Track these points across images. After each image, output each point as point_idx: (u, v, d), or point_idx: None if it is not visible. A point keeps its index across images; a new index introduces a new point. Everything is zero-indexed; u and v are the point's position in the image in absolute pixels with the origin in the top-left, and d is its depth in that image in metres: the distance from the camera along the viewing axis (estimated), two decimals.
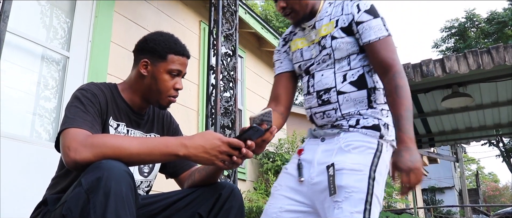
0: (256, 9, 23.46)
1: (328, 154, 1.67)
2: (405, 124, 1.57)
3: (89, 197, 1.21)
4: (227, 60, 3.94)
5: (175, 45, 1.71)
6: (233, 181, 3.67)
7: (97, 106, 1.52)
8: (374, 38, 1.67)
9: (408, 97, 1.61)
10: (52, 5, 3.60)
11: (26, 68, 3.33)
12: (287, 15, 1.80)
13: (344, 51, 1.71)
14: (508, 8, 22.85)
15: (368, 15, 1.69)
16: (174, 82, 1.70)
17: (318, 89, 1.76)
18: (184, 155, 1.36)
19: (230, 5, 4.07)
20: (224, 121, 3.72)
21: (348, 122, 1.69)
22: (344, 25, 1.72)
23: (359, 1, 1.74)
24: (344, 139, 1.66)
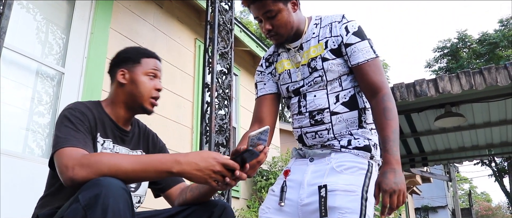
0: (251, 27, 23.61)
1: (319, 174, 1.67)
2: (392, 146, 1.59)
3: (87, 213, 1.21)
4: (222, 78, 3.95)
5: (144, 50, 1.82)
6: (227, 199, 3.66)
7: (86, 124, 1.55)
8: (362, 60, 1.69)
9: (395, 119, 1.64)
10: (48, 21, 3.61)
11: (20, 83, 3.32)
12: (272, 36, 1.80)
13: (335, 72, 1.73)
14: (499, 30, 23.17)
15: (356, 38, 1.72)
16: (153, 84, 1.77)
17: (311, 110, 1.76)
18: (177, 172, 1.36)
19: (226, 24, 4.10)
20: (219, 139, 3.72)
21: (339, 142, 1.70)
22: (333, 47, 1.74)
23: (347, 23, 1.75)
24: (335, 159, 1.68)
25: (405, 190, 1.55)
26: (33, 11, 3.50)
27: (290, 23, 1.76)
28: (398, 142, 1.60)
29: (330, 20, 1.79)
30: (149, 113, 1.79)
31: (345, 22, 1.75)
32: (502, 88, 4.62)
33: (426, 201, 27.50)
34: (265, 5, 1.72)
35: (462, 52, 24.81)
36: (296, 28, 1.80)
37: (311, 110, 1.77)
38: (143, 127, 1.92)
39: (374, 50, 1.72)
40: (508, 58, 21.52)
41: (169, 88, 4.87)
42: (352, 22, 1.76)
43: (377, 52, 1.73)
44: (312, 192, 1.63)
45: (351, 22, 1.76)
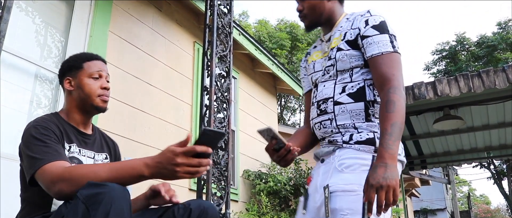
0: (249, 30, 23.65)
1: (327, 175, 1.65)
2: (388, 139, 1.50)
3: (89, 209, 1.27)
4: (221, 81, 3.95)
5: (85, 54, 1.90)
6: (226, 201, 3.65)
7: (52, 135, 1.61)
8: (376, 52, 1.65)
9: (398, 112, 1.54)
10: (47, 24, 3.61)
11: (19, 86, 3.32)
12: (300, 17, 1.89)
13: (346, 63, 1.72)
14: (497, 33, 23.22)
15: (374, 30, 1.68)
16: (99, 84, 1.82)
17: (318, 100, 1.78)
18: (149, 175, 1.39)
19: (224, 27, 4.11)
20: None
21: (342, 137, 1.67)
22: (350, 39, 1.73)
23: (369, 17, 1.73)
24: (338, 157, 1.64)
25: (395, 186, 1.43)
26: (32, 14, 3.50)
27: (319, 9, 1.83)
28: (397, 136, 1.51)
29: (356, 14, 1.80)
30: (103, 110, 1.84)
31: (368, 16, 1.73)
32: (500, 91, 4.63)
33: (425, 203, 27.48)
34: None
35: (461, 55, 24.85)
36: (327, 17, 1.85)
37: (319, 99, 1.78)
38: (103, 133, 2.01)
39: (394, 45, 1.67)
40: (507, 61, 21.56)
41: (168, 91, 4.87)
42: (374, 16, 1.72)
43: (397, 48, 1.68)
44: (321, 194, 1.62)
45: (374, 16, 1.73)
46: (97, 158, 1.83)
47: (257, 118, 7.02)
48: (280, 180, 6.18)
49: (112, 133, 3.79)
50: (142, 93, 4.46)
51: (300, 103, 26.72)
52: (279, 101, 24.63)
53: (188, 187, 4.85)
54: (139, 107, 4.36)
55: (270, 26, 24.96)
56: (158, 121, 4.62)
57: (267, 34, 23.23)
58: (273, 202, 6.10)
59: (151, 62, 4.69)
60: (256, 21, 26.82)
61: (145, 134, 4.38)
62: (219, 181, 3.69)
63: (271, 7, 66.35)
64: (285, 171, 6.74)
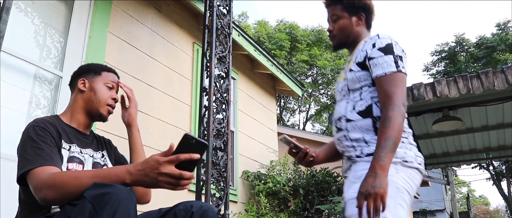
0: (249, 31, 23.67)
1: (346, 188, 1.84)
2: (380, 151, 1.65)
3: (96, 209, 1.29)
4: (220, 82, 3.96)
5: (105, 65, 2.01)
6: (225, 202, 3.65)
7: (49, 137, 1.65)
8: (380, 73, 1.80)
9: (393, 127, 1.68)
10: (46, 25, 3.61)
11: (18, 87, 3.32)
12: (330, 37, 2.12)
13: (356, 83, 1.90)
14: (496, 34, 23.24)
15: (380, 52, 1.83)
16: (110, 94, 1.93)
17: (335, 118, 1.97)
18: (131, 182, 1.43)
19: (224, 28, 4.11)
20: (217, 143, 3.72)
21: (355, 152, 1.84)
22: (360, 60, 1.90)
23: (377, 40, 1.88)
24: (353, 171, 1.82)
25: (383, 194, 1.58)
26: (31, 15, 3.50)
27: (347, 31, 2.04)
28: (390, 149, 1.65)
29: (369, 38, 1.97)
30: (105, 119, 1.92)
31: (376, 39, 1.89)
32: (499, 92, 4.64)
33: (424, 204, 27.48)
34: (334, 9, 2.07)
35: (460, 56, 24.86)
36: (353, 39, 2.04)
37: (335, 117, 1.97)
38: (97, 135, 2.06)
39: (398, 65, 1.80)
40: (506, 62, 21.57)
41: (167, 92, 4.87)
42: (382, 39, 1.88)
43: (401, 68, 1.80)
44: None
45: (381, 39, 1.88)
46: (96, 156, 1.88)
47: (256, 119, 7.02)
48: (279, 181, 6.18)
49: (111, 133, 3.79)
50: (141, 94, 4.46)
51: (299, 104, 26.73)
52: (278, 102, 24.64)
53: (187, 188, 4.84)
54: (138, 108, 4.35)
55: (270, 27, 24.98)
56: (157, 121, 4.62)
57: (267, 35, 23.25)
58: (272, 203, 6.09)
59: (150, 63, 4.69)
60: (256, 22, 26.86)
61: (144, 135, 4.37)
62: (218, 182, 3.69)
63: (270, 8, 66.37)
64: (284, 172, 6.74)
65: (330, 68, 22.94)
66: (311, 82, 24.58)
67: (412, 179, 1.74)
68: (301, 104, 26.71)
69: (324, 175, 6.56)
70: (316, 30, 24.76)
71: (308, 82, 24.25)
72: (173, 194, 4.53)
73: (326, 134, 22.53)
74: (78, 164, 1.74)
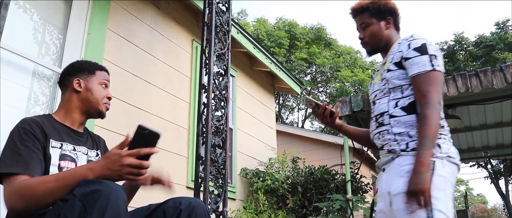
0: (248, 28, 23.64)
1: (389, 182, 1.91)
2: (420, 150, 1.77)
3: (86, 207, 1.30)
4: (219, 80, 3.96)
5: (97, 63, 2.02)
6: (223, 199, 3.66)
7: (31, 141, 1.64)
8: (416, 72, 1.89)
9: (429, 125, 1.78)
10: (45, 21, 3.60)
11: (17, 83, 3.31)
12: (362, 44, 2.20)
13: (396, 81, 1.98)
14: (495, 33, 23.25)
15: (415, 52, 1.92)
16: (106, 92, 1.96)
17: (376, 114, 2.06)
18: (94, 177, 1.45)
19: (223, 25, 4.11)
20: (215, 140, 3.72)
21: (399, 146, 1.91)
22: (397, 60, 1.99)
23: (412, 40, 1.97)
24: (398, 165, 1.89)
25: (425, 190, 1.69)
26: (30, 12, 3.49)
27: (378, 36, 2.13)
28: (428, 146, 1.76)
29: (403, 39, 2.05)
30: (103, 116, 1.95)
31: (410, 39, 1.98)
32: (498, 91, 4.65)
33: None
34: (362, 18, 2.16)
35: (459, 55, 24.87)
36: (385, 43, 2.14)
37: (376, 114, 2.07)
38: (91, 133, 2.07)
39: (433, 64, 1.89)
40: (504, 61, 21.58)
41: (166, 89, 4.87)
42: (417, 40, 1.96)
43: (436, 67, 1.88)
44: (388, 199, 1.89)
45: (416, 40, 1.96)
46: (90, 154, 1.89)
47: (255, 116, 7.02)
48: (278, 178, 6.19)
49: (109, 130, 3.79)
50: (140, 91, 4.46)
51: (298, 102, 26.72)
52: (277, 100, 24.64)
53: (186, 185, 4.85)
54: (137, 105, 4.36)
55: (269, 25, 24.96)
56: (156, 118, 4.62)
57: (266, 32, 23.23)
58: (270, 200, 6.10)
59: (149, 60, 4.68)
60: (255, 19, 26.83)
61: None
62: (217, 179, 3.69)
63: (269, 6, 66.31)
64: (283, 170, 6.75)
65: (329, 66, 22.94)
66: (310, 80, 24.58)
67: (453, 174, 1.85)
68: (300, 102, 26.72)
69: (322, 172, 6.57)
70: (315, 28, 24.75)
71: (307, 80, 24.25)
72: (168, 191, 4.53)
73: (325, 132, 22.55)
74: (70, 162, 1.74)
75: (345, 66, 23.34)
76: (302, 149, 10.22)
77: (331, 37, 24.81)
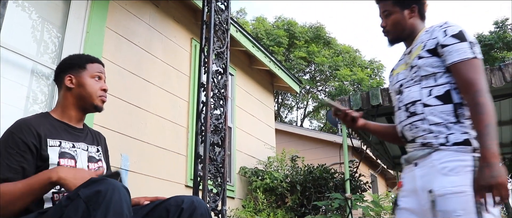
0: (247, 27, 23.64)
1: (427, 179, 1.75)
2: (486, 140, 1.63)
3: (90, 209, 1.30)
4: (218, 78, 3.96)
5: (87, 56, 1.99)
6: (222, 198, 3.66)
7: (15, 148, 1.63)
8: (457, 59, 1.77)
9: (488, 113, 1.68)
10: (43, 20, 3.60)
11: (15, 82, 3.31)
12: (384, 32, 2.08)
13: (429, 68, 1.85)
14: (494, 31, 23.28)
15: (454, 39, 1.80)
16: (100, 85, 1.92)
17: (406, 102, 1.92)
18: (57, 179, 1.52)
19: (221, 24, 4.11)
20: (214, 139, 3.72)
21: (437, 140, 1.77)
22: (431, 47, 1.86)
23: (447, 27, 1.85)
24: (438, 161, 1.74)
25: (504, 182, 1.56)
26: (28, 10, 3.49)
27: (401, 25, 2.00)
28: (493, 135, 1.64)
29: (435, 26, 1.92)
30: (100, 110, 1.93)
31: (445, 26, 1.86)
32: (497, 90, 4.64)
33: None
34: (385, 5, 2.03)
35: None
36: (409, 32, 2.01)
37: (406, 102, 1.92)
38: (92, 129, 2.07)
39: (474, 51, 1.78)
40: (503, 59, 21.62)
41: (165, 87, 4.86)
42: (453, 27, 1.84)
43: (476, 55, 1.78)
44: (426, 197, 1.73)
45: (452, 27, 1.84)
46: (91, 150, 1.89)
47: (254, 115, 7.03)
48: (277, 177, 6.19)
49: (108, 129, 3.78)
50: (139, 90, 4.45)
51: (297, 101, 26.73)
52: (276, 99, 24.65)
53: (185, 184, 4.85)
54: (136, 104, 4.36)
55: (268, 24, 24.95)
56: (155, 117, 4.62)
57: (265, 31, 23.23)
58: (269, 199, 6.11)
59: (148, 59, 4.68)
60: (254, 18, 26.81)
61: (141, 130, 4.37)
62: (216, 178, 3.69)
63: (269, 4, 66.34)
64: (281, 168, 6.75)
65: (328, 65, 22.95)
66: (309, 79, 24.59)
67: None
68: (299, 101, 26.73)
69: (321, 171, 6.58)
70: (314, 27, 24.75)
71: (306, 79, 24.26)
72: (168, 189, 4.53)
73: (324, 131, 22.57)
74: (69, 159, 1.73)
75: (344, 65, 23.34)
76: (301, 148, 10.22)
77: (330, 36, 24.81)
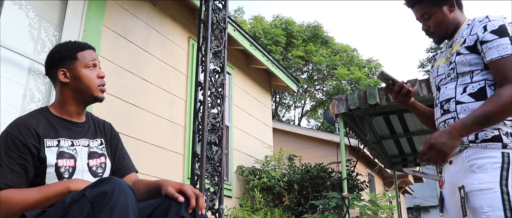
0: (245, 26, 23.63)
1: (458, 176, 1.78)
2: (470, 118, 1.68)
3: (95, 209, 1.29)
4: (215, 77, 3.95)
5: (77, 44, 1.85)
6: (219, 197, 3.66)
7: (16, 150, 1.58)
8: (497, 56, 1.73)
9: (497, 104, 1.66)
10: (40, 18, 3.59)
11: (12, 80, 3.30)
12: (428, 35, 2.03)
13: (466, 66, 1.83)
14: None
15: (493, 35, 1.76)
16: (96, 73, 1.81)
17: (441, 100, 1.93)
18: (75, 187, 1.51)
19: (219, 22, 4.10)
20: (211, 137, 3.72)
21: (468, 137, 1.76)
22: (470, 44, 1.82)
23: (487, 22, 1.81)
24: (467, 157, 1.75)
25: (446, 152, 1.65)
26: (25, 8, 3.48)
27: (444, 23, 1.95)
28: (480, 122, 1.66)
29: (476, 20, 1.88)
30: (101, 100, 1.84)
31: (486, 21, 1.81)
32: None
33: (418, 200, 27.64)
34: (422, 8, 1.97)
35: None
36: (453, 27, 1.96)
37: (442, 100, 1.92)
38: (96, 119, 1.98)
39: None
40: None
41: (162, 86, 4.86)
42: (493, 21, 1.80)
43: None
44: (457, 194, 1.74)
45: (492, 21, 1.80)
46: (92, 145, 1.83)
47: (251, 114, 7.03)
48: (274, 176, 6.20)
49: None
50: (136, 88, 4.45)
51: (295, 100, 26.75)
52: (274, 98, 24.66)
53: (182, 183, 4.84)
54: (133, 102, 4.35)
55: (266, 23, 24.95)
56: (152, 116, 4.61)
57: (262, 30, 23.23)
58: (266, 198, 6.11)
59: (145, 57, 4.67)
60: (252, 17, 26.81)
61: (139, 129, 4.37)
62: (213, 177, 3.69)
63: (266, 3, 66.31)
64: (279, 167, 6.76)
65: (326, 64, 22.97)
66: (306, 78, 24.60)
67: None
68: (297, 100, 26.74)
69: (318, 170, 6.58)
70: (312, 26, 24.76)
71: (304, 78, 24.27)
72: None
73: (321, 130, 22.59)
74: (68, 159, 1.68)
75: (342, 64, 23.37)
76: (298, 147, 10.23)
77: (328, 35, 24.84)
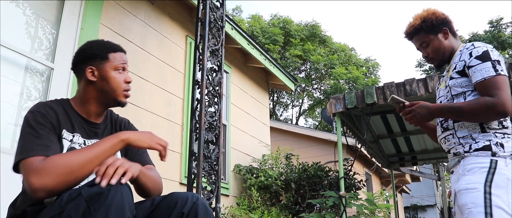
0: (242, 25, 23.61)
1: (455, 182, 2.07)
2: (447, 107, 2.07)
3: (91, 208, 1.28)
4: (213, 75, 3.95)
5: (110, 44, 1.80)
6: (216, 196, 3.66)
7: (48, 125, 1.56)
8: (480, 78, 1.99)
9: (472, 108, 1.96)
10: (37, 16, 3.58)
11: (9, 78, 3.29)
12: (428, 61, 2.33)
13: (459, 89, 2.10)
14: (489, 31, 23.37)
15: (478, 60, 2.02)
16: (124, 77, 1.78)
17: (441, 120, 2.21)
18: (125, 138, 1.54)
19: (217, 21, 4.10)
20: (208, 136, 3.72)
21: (463, 148, 2.05)
22: (459, 69, 2.10)
23: (473, 49, 2.07)
24: (462, 165, 2.03)
25: (417, 117, 2.13)
26: (22, 6, 3.47)
27: (441, 49, 2.24)
28: (452, 114, 2.05)
29: (464, 47, 2.15)
30: (124, 105, 1.81)
31: (471, 48, 2.07)
32: None
33: (415, 200, 27.69)
34: (420, 38, 2.29)
35: None
36: (449, 52, 2.25)
37: (441, 119, 2.21)
38: (115, 117, 1.94)
39: (497, 69, 1.97)
40: None
41: (160, 85, 4.85)
42: (477, 48, 2.06)
43: (500, 71, 1.98)
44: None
45: (477, 48, 2.06)
46: None
47: (249, 113, 7.02)
48: (271, 175, 6.19)
49: None
50: (134, 87, 4.43)
51: (292, 99, 26.75)
52: (271, 97, 24.65)
53: (179, 181, 4.85)
54: (131, 101, 4.35)
55: (263, 22, 24.94)
56: (150, 114, 4.61)
57: (260, 29, 23.21)
58: (263, 197, 6.11)
59: (143, 56, 4.67)
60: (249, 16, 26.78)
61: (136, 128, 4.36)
62: (210, 175, 3.69)
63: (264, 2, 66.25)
64: (276, 166, 6.76)
65: (324, 64, 22.97)
66: (304, 77, 24.61)
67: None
68: (294, 99, 26.74)
69: (316, 169, 6.58)
70: (310, 25, 24.76)
71: (301, 77, 24.28)
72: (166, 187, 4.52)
73: (319, 129, 22.60)
74: None
75: (340, 63, 23.38)
76: (296, 146, 10.24)
77: (326, 34, 24.84)
